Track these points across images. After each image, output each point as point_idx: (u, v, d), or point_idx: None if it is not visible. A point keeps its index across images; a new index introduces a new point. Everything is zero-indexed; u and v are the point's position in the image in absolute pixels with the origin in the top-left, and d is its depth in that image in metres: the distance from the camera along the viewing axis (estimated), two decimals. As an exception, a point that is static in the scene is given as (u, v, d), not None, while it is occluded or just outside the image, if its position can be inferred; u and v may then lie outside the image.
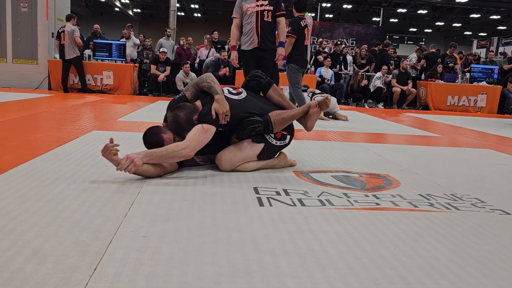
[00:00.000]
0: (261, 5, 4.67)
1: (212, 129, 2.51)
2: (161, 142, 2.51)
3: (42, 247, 1.45)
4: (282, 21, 4.77)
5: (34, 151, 2.94)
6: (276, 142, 2.76)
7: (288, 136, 2.83)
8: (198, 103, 2.66)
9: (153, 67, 9.75)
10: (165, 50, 9.90)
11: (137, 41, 10.90)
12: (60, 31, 8.91)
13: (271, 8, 4.67)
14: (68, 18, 9.08)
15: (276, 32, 4.86)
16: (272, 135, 2.74)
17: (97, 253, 1.43)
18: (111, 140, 2.28)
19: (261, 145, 2.72)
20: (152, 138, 2.55)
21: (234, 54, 4.99)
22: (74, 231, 1.60)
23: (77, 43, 8.89)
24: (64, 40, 8.79)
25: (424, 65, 11.52)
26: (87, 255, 1.42)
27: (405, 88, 10.10)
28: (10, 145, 3.16)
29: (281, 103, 2.87)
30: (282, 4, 4.79)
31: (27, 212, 1.77)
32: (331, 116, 6.62)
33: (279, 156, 2.91)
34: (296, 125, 2.92)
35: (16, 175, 2.32)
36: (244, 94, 2.77)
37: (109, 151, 2.26)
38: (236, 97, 2.70)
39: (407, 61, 10.72)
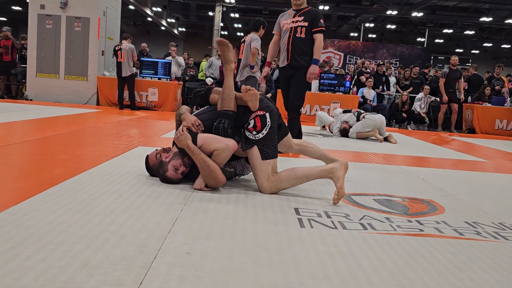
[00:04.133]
0: (296, 21, 4.46)
1: (201, 135, 2.59)
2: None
3: (91, 259, 1.51)
4: (318, 37, 4.44)
5: (83, 165, 3.06)
6: (254, 136, 2.62)
7: (267, 115, 2.62)
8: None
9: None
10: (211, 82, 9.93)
11: (182, 63, 10.75)
12: (117, 49, 9.18)
13: (306, 24, 4.41)
14: (126, 37, 9.36)
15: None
16: (254, 132, 2.62)
17: (142, 268, 1.48)
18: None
19: (255, 148, 2.62)
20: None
21: (266, 70, 4.86)
22: (120, 245, 1.66)
23: (134, 60, 9.28)
24: (121, 58, 9.06)
25: (466, 87, 11.15)
26: (133, 269, 1.46)
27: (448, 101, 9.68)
28: (60, 158, 3.31)
29: (224, 98, 2.70)
30: (321, 20, 4.47)
31: (77, 224, 1.85)
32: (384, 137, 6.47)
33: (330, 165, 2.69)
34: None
35: (67, 188, 2.43)
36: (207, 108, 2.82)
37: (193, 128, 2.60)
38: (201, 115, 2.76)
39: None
